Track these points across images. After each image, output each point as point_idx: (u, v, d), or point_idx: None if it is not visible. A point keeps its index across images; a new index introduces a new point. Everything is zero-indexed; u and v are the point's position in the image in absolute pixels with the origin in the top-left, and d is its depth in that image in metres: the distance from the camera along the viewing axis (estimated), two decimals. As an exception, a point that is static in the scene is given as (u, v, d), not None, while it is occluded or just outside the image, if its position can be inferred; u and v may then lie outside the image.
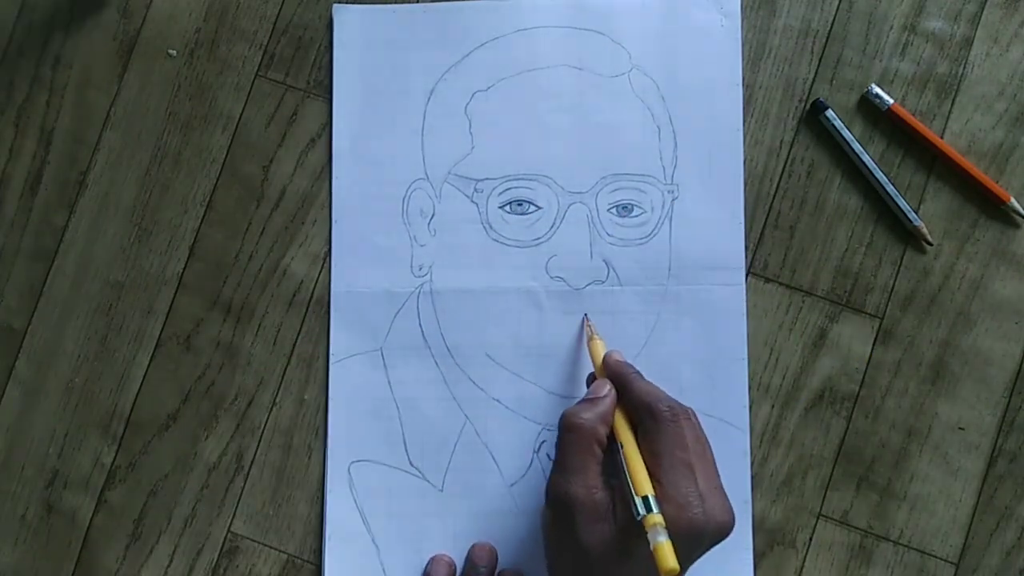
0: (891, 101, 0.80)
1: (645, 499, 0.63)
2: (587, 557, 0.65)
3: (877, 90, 0.80)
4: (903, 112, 0.80)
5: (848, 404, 0.79)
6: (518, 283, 0.80)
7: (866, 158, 0.79)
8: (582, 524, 0.65)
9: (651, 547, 0.61)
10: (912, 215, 0.79)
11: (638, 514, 0.62)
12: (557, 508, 0.67)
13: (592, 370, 0.76)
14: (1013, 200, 0.79)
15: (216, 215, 0.82)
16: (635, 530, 0.63)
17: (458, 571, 0.78)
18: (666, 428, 0.67)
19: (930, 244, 0.79)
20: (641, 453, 0.67)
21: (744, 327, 0.80)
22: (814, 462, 0.79)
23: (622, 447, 0.67)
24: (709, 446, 0.68)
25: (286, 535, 0.80)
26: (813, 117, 0.81)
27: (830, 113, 0.80)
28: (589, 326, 0.79)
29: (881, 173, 0.79)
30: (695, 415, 0.68)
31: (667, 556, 0.60)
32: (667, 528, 0.62)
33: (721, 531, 0.65)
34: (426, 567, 0.78)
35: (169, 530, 0.80)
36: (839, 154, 0.81)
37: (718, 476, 0.67)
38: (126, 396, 0.81)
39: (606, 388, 0.70)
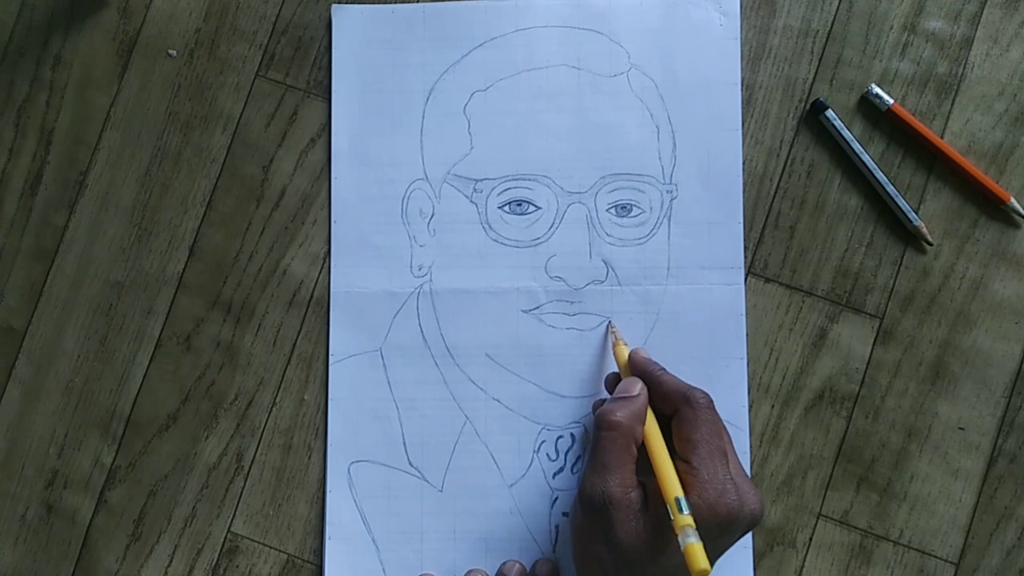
0: (891, 101, 0.80)
1: (676, 500, 0.63)
2: (623, 555, 0.66)
3: (877, 90, 0.80)
4: (903, 112, 0.80)
5: (848, 404, 0.80)
6: (517, 283, 0.80)
7: (866, 158, 0.80)
8: (619, 523, 0.65)
9: (681, 548, 0.62)
10: (912, 215, 0.79)
11: (670, 516, 0.63)
12: (593, 507, 0.67)
13: (611, 371, 0.77)
14: (1013, 200, 0.79)
15: (216, 215, 0.82)
16: (668, 526, 0.64)
17: None
18: (703, 415, 0.68)
19: (930, 244, 0.80)
20: (678, 441, 0.68)
21: (743, 326, 0.80)
22: (814, 462, 0.79)
23: (651, 449, 0.68)
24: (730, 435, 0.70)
25: (286, 535, 0.80)
26: (813, 117, 0.81)
27: (830, 113, 0.80)
28: (614, 332, 0.79)
29: (881, 173, 0.79)
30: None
31: (699, 557, 0.61)
32: (704, 514, 0.63)
33: (753, 519, 0.66)
34: None
35: (169, 530, 0.80)
36: (839, 154, 0.81)
37: (741, 465, 0.69)
38: (126, 396, 0.82)
39: (638, 387, 0.71)
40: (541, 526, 0.79)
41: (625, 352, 0.76)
